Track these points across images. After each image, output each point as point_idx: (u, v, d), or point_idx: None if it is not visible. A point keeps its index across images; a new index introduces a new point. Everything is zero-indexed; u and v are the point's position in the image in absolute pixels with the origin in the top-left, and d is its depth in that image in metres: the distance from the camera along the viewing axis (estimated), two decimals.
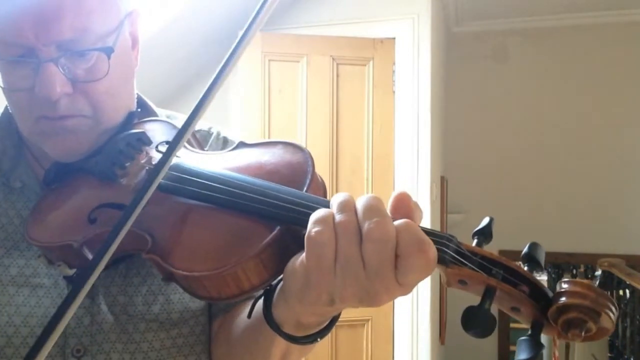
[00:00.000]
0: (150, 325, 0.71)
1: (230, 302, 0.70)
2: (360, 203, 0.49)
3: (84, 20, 0.63)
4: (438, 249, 0.48)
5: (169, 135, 0.73)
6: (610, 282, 4.25)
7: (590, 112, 4.03)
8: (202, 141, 0.83)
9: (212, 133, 0.85)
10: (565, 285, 0.48)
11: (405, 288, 0.48)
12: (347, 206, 0.49)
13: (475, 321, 0.46)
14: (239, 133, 2.65)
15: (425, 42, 2.76)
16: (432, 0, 2.80)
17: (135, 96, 0.78)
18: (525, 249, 0.53)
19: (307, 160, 0.60)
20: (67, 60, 0.63)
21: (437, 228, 3.24)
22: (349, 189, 2.74)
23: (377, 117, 2.75)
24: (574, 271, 4.49)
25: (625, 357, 3.85)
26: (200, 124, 0.84)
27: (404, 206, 0.50)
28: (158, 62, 2.61)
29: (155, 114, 0.81)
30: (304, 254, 0.50)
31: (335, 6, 2.81)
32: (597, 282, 4.36)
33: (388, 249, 0.46)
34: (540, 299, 0.49)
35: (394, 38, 2.77)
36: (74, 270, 0.66)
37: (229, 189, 0.57)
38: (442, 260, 0.48)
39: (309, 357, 0.59)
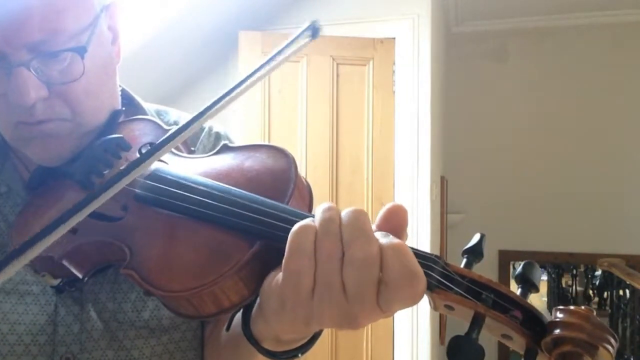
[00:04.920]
0: (140, 332, 0.70)
1: (212, 320, 0.68)
2: (344, 219, 0.45)
3: (54, 20, 0.59)
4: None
5: (154, 136, 0.69)
6: (610, 282, 4.26)
7: (590, 112, 4.02)
8: (192, 138, 0.79)
9: (204, 128, 0.82)
10: (560, 315, 0.44)
11: (387, 314, 0.45)
12: (331, 226, 0.45)
13: (461, 353, 0.43)
14: (239, 133, 2.65)
15: (425, 42, 2.75)
16: (432, 0, 2.80)
17: (120, 93, 0.74)
18: (519, 269, 0.49)
19: (290, 166, 0.57)
20: (39, 63, 0.60)
21: (437, 228, 3.24)
22: (349, 189, 2.74)
23: (377, 117, 2.75)
24: (574, 271, 4.49)
25: (625, 357, 3.85)
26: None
27: (397, 220, 0.48)
28: (158, 62, 2.61)
29: (143, 111, 0.78)
30: (280, 275, 0.47)
31: (335, 6, 2.81)
32: (597, 282, 4.35)
33: (370, 273, 0.43)
34: (534, 325, 0.45)
35: (394, 38, 2.76)
36: (59, 280, 0.65)
37: (208, 201, 0.54)
38: (427, 285, 0.45)
39: (308, 357, 0.58)
